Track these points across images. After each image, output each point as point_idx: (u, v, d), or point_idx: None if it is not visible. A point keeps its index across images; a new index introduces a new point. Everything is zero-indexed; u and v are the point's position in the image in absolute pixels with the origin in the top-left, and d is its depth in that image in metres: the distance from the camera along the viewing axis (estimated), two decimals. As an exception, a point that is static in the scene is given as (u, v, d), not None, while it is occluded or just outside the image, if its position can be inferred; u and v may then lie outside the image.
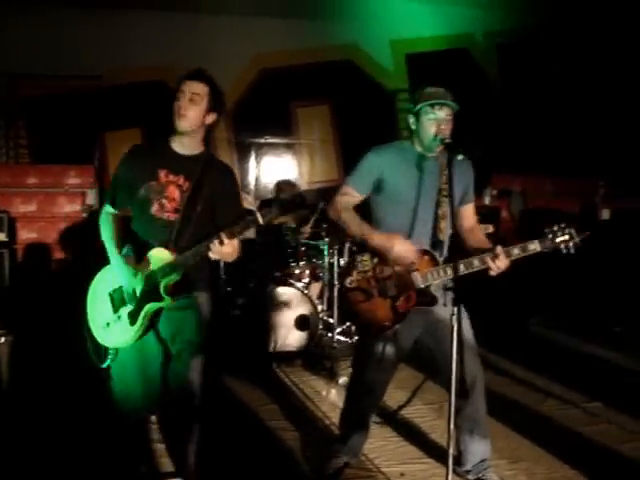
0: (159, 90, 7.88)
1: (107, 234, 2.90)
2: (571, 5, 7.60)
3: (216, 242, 2.56)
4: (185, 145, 2.88)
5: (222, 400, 4.42)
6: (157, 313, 2.81)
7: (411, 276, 2.83)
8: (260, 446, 3.69)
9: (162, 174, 2.81)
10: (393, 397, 4.01)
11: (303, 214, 5.82)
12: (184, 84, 2.85)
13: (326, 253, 5.49)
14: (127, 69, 7.78)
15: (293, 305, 5.17)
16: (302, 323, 5.17)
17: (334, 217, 3.02)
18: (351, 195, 2.98)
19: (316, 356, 5.21)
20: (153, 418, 3.95)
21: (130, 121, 7.85)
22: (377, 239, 2.83)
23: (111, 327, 2.83)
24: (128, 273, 2.77)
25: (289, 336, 5.16)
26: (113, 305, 2.83)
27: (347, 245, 5.27)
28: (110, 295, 2.85)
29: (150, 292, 2.72)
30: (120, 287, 2.81)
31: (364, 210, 3.06)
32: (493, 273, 2.75)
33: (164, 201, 2.80)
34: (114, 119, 7.81)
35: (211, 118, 2.86)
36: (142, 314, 2.74)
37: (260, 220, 2.56)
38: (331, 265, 5.47)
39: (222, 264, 5.81)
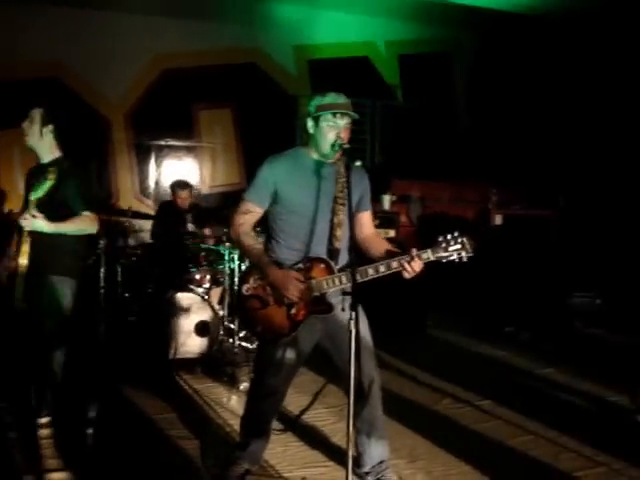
0: (53, 87, 7.57)
1: None
2: (472, 18, 7.89)
3: None
4: None
5: (120, 409, 4.30)
6: None
7: (307, 284, 2.84)
8: (159, 456, 3.61)
9: None
10: (294, 402, 4.02)
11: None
12: None
13: (227, 258, 5.44)
14: (22, 64, 7.40)
15: (193, 311, 5.08)
16: (202, 329, 5.09)
17: (234, 239, 3.04)
18: (251, 212, 2.96)
19: (217, 362, 5.14)
20: (45, 432, 3.80)
21: (20, 119, 7.47)
22: (272, 276, 2.84)
23: None
24: None
25: (189, 342, 5.06)
26: None
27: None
28: None
29: None
30: None
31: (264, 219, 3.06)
32: (407, 276, 2.76)
33: None
34: (3, 117, 7.41)
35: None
36: None
37: None
38: (232, 270, 5.42)
39: (119, 268, 5.67)
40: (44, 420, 3.81)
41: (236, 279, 5.37)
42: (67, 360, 5.11)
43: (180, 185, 6.20)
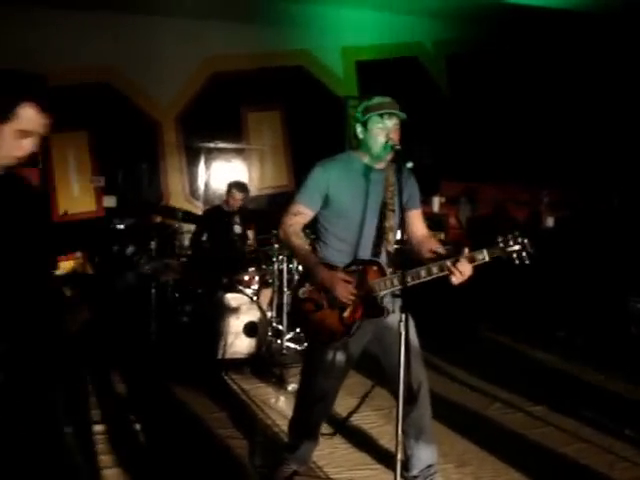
0: (105, 92, 7.75)
1: None
2: (520, 17, 7.75)
3: None
4: None
5: (170, 408, 4.36)
6: None
7: (356, 285, 2.83)
8: (209, 455, 3.65)
9: None
10: (342, 404, 4.00)
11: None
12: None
13: (275, 260, 5.47)
14: (73, 69, 7.60)
15: (242, 312, 5.12)
16: (251, 330, 5.12)
17: (283, 239, 3.03)
18: (302, 213, 2.97)
19: (265, 363, 5.17)
20: (98, 428, 3.88)
21: (76, 122, 7.69)
22: (320, 276, 2.83)
23: None
24: None
25: (238, 343, 5.10)
26: None
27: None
28: None
29: None
30: None
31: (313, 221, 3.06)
32: (455, 281, 2.67)
33: None
34: (59, 120, 7.61)
35: None
36: None
37: None
38: (280, 272, 5.45)
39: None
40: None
41: (284, 280, 5.40)
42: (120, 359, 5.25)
43: (239, 187, 6.14)
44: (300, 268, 5.21)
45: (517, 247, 2.65)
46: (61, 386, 4.54)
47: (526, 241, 2.66)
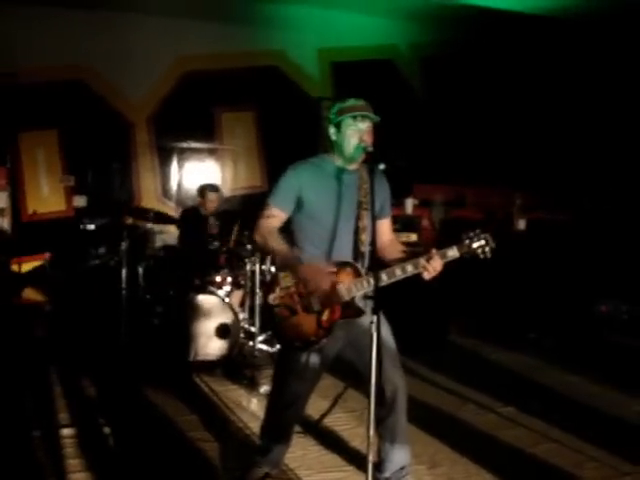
0: (77, 90, 7.65)
1: None
2: (494, 20, 7.82)
3: None
4: None
5: (140, 410, 4.32)
6: None
7: (335, 289, 2.82)
8: (180, 458, 3.61)
9: None
10: (314, 406, 3.99)
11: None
12: None
13: (248, 261, 5.44)
14: (44, 67, 7.49)
15: (214, 313, 5.09)
16: (223, 331, 5.09)
17: (260, 242, 3.00)
18: (275, 216, 2.96)
19: (237, 365, 5.14)
20: (66, 432, 3.83)
21: (46, 121, 7.59)
22: (303, 271, 2.80)
23: None
24: None
25: (210, 345, 5.07)
26: None
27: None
28: None
29: None
30: None
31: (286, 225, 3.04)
32: (427, 276, 2.78)
33: None
34: (30, 119, 7.51)
35: None
36: None
37: None
38: (253, 273, 5.42)
39: (141, 271, 5.70)
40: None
41: (257, 282, 5.37)
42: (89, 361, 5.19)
43: (211, 187, 6.13)
44: (272, 269, 5.20)
45: (481, 242, 2.82)
46: (27, 388, 4.49)
47: (488, 236, 2.84)
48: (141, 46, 7.79)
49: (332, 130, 2.95)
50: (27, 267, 6.75)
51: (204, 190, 6.12)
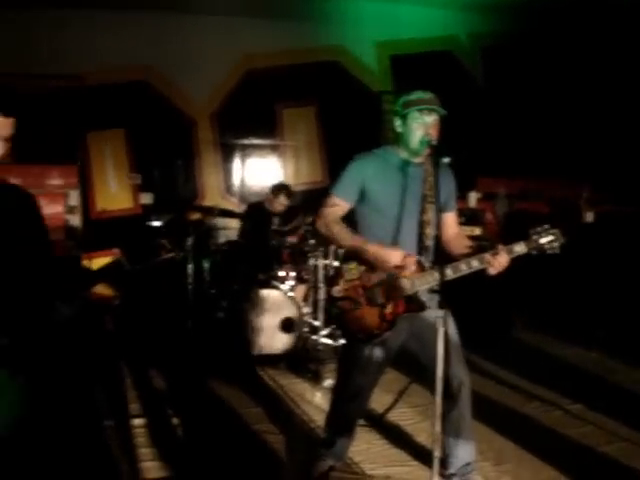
0: (142, 90, 7.85)
1: None
2: (556, 7, 7.62)
3: None
4: None
5: (207, 402, 4.41)
6: None
7: (399, 283, 2.82)
8: (245, 450, 3.68)
9: None
10: (378, 400, 4.01)
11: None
12: None
13: (311, 255, 5.47)
14: (109, 69, 7.71)
15: (278, 308, 5.15)
16: (287, 326, 5.15)
17: (323, 230, 3.00)
18: (338, 205, 2.97)
19: (301, 359, 5.19)
20: (137, 422, 3.95)
21: (113, 121, 7.81)
22: (373, 250, 2.81)
23: None
24: None
25: (274, 339, 5.14)
26: None
27: (332, 248, 5.26)
28: None
29: None
30: None
31: (348, 218, 3.05)
32: (493, 272, 2.75)
33: None
34: (97, 119, 7.75)
35: None
36: None
37: None
38: (316, 267, 5.46)
39: (206, 266, 5.82)
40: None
41: (320, 276, 5.41)
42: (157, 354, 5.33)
43: (286, 192, 6.06)
44: (335, 264, 5.22)
45: (549, 238, 2.77)
46: (99, 380, 4.65)
47: (557, 232, 2.79)
48: (204, 45, 7.92)
49: (398, 122, 2.94)
50: (97, 263, 6.97)
51: (278, 190, 6.08)
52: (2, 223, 2.22)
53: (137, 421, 4.00)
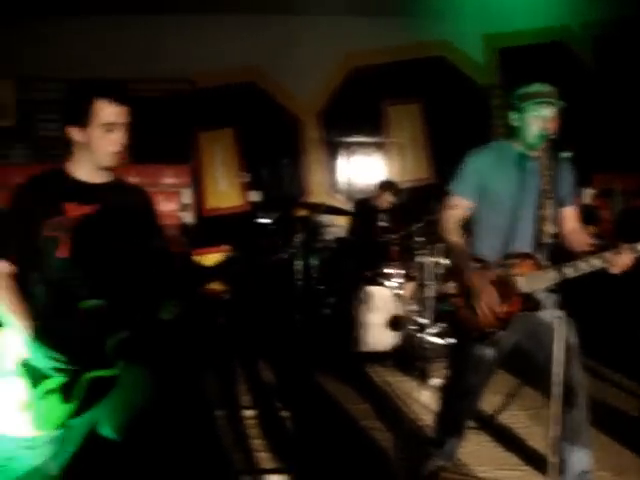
0: (250, 91, 8.06)
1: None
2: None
3: None
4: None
5: (314, 397, 4.47)
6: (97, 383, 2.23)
7: (515, 281, 2.74)
8: (353, 446, 3.70)
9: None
10: (487, 401, 3.92)
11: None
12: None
13: (419, 253, 5.43)
14: (218, 71, 7.98)
15: (385, 305, 5.15)
16: (394, 323, 5.15)
17: (441, 235, 3.00)
18: (459, 206, 2.94)
19: (408, 357, 5.15)
20: (248, 413, 4.05)
21: (223, 121, 8.07)
22: (470, 280, 2.78)
23: (33, 408, 2.13)
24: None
25: (381, 336, 5.14)
26: (31, 378, 2.15)
27: (441, 245, 5.19)
28: (23, 366, 2.16)
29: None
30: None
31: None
32: (615, 271, 2.63)
33: None
34: (208, 120, 8.04)
35: None
36: (81, 385, 2.19)
37: None
38: (424, 265, 5.41)
39: (314, 262, 5.90)
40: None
41: (428, 274, 5.35)
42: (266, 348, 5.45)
43: (393, 189, 6.07)
44: (446, 262, 5.15)
45: None
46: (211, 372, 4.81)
47: None
48: (309, 45, 8.02)
49: (514, 115, 2.87)
50: (209, 259, 7.23)
51: (385, 187, 6.10)
52: (124, 220, 2.35)
53: (248, 412, 4.11)
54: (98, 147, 2.23)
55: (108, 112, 2.20)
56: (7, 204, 2.25)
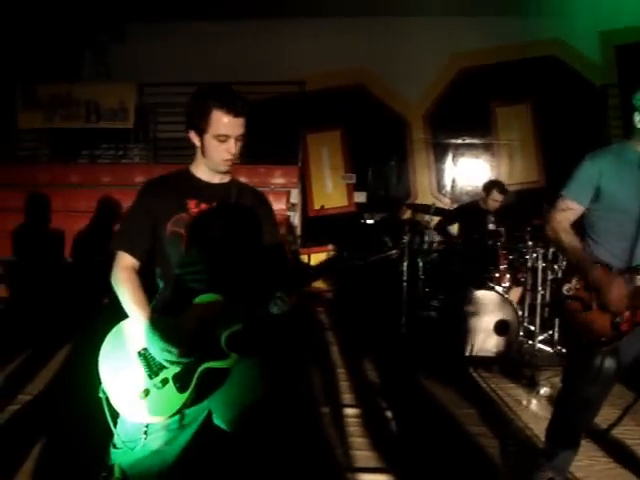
0: (358, 93, 8.13)
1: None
2: None
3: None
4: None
5: (419, 399, 4.45)
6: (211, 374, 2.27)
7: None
8: (458, 451, 3.66)
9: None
10: (601, 414, 3.75)
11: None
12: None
13: (529, 257, 5.30)
14: (328, 74, 8.10)
15: (493, 309, 5.06)
16: (501, 328, 5.05)
17: (551, 236, 2.88)
18: (571, 209, 2.84)
19: (515, 363, 5.06)
20: (351, 411, 4.10)
21: (331, 123, 8.19)
22: (592, 275, 2.67)
23: (150, 396, 2.21)
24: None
25: (488, 341, 5.06)
26: (149, 368, 2.23)
27: (551, 249, 5.06)
28: (142, 355, 2.25)
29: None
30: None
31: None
32: None
33: None
34: (316, 121, 8.18)
35: None
36: (195, 376, 2.23)
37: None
38: (534, 270, 5.27)
39: (421, 264, 5.89)
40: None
41: (538, 279, 5.22)
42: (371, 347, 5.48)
43: (500, 189, 5.96)
44: (561, 265, 4.99)
45: None
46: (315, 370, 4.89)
47: None
48: (416, 47, 8.01)
49: (637, 117, 2.73)
50: (315, 258, 7.36)
51: (491, 187, 6.00)
52: (239, 217, 2.44)
53: (350, 411, 4.13)
54: (211, 154, 2.33)
55: (224, 123, 2.26)
56: (134, 200, 2.39)
